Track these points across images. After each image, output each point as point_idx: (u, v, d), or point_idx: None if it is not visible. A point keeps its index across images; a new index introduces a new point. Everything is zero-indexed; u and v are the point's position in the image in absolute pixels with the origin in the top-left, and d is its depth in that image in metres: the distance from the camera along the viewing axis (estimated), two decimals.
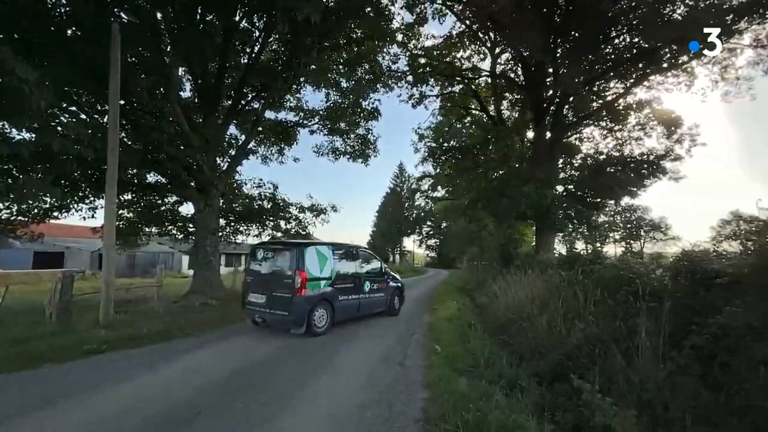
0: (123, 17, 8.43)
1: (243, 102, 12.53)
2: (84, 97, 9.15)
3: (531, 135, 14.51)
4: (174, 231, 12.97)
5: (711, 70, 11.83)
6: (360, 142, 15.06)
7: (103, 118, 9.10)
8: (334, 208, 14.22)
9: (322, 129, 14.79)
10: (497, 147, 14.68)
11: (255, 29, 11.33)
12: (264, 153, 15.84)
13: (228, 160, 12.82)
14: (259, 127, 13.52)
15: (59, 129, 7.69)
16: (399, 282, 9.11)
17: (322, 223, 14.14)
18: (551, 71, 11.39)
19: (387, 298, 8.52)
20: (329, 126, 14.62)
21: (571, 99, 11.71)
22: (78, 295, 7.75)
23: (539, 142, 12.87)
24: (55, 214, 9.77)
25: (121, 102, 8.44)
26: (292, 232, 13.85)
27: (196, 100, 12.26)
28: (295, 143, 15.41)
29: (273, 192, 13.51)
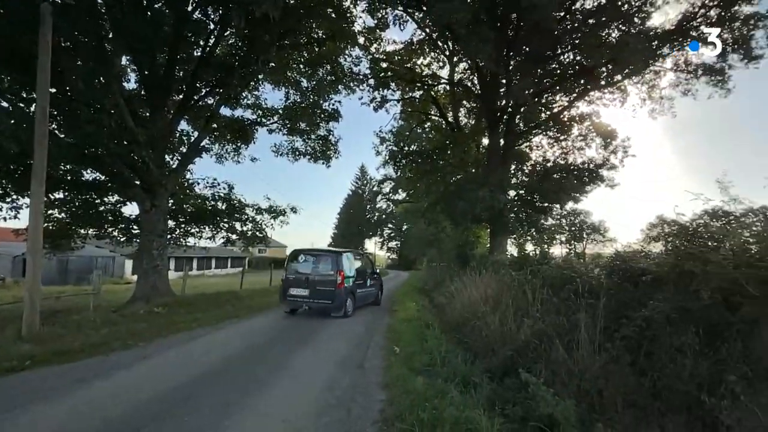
0: None
1: (196, 97, 11.83)
2: (6, 83, 8.17)
3: (486, 142, 15.21)
4: (115, 233, 11.94)
5: (640, 89, 13.20)
6: (321, 143, 14.84)
7: (31, 107, 8.19)
8: (293, 209, 13.85)
9: (281, 128, 14.38)
10: (455, 152, 15.23)
11: (209, 21, 10.77)
12: (219, 151, 15.09)
13: (179, 157, 12.05)
14: (214, 124, 12.84)
15: None
16: (381, 278, 11.88)
17: (281, 225, 13.75)
18: (504, 82, 12.03)
19: (377, 291, 11.16)
20: (289, 126, 14.24)
21: (522, 109, 12.44)
22: None
23: (493, 148, 13.52)
24: None
25: (53, 90, 7.63)
26: (248, 234, 13.31)
27: (142, 92, 11.38)
28: (253, 142, 14.84)
29: (228, 192, 12.85)
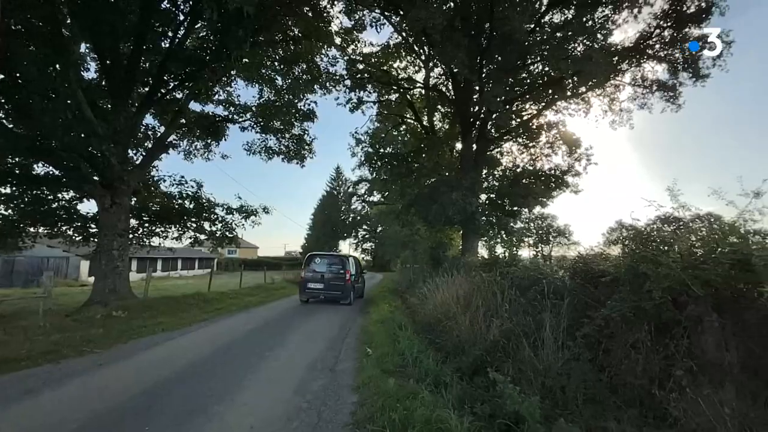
0: None
1: (163, 90, 11.27)
2: None
3: (459, 146, 15.56)
4: (70, 232, 11.16)
5: (602, 101, 14.00)
6: (295, 142, 14.61)
7: None
8: (265, 209, 13.54)
9: (254, 126, 14.03)
10: (429, 156, 15.46)
11: (179, 12, 10.33)
12: (187, 148, 14.50)
13: (143, 153, 11.44)
14: (182, 119, 12.33)
15: None
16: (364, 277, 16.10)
17: (252, 226, 13.42)
18: (478, 89, 12.38)
19: (362, 286, 14.61)
20: (262, 123, 13.92)
21: (494, 116, 12.85)
22: None
23: (466, 153, 13.85)
24: None
25: (0, 76, 7.04)
26: (217, 235, 12.85)
27: (103, 83, 10.74)
28: (224, 139, 14.39)
29: (197, 191, 12.36)
